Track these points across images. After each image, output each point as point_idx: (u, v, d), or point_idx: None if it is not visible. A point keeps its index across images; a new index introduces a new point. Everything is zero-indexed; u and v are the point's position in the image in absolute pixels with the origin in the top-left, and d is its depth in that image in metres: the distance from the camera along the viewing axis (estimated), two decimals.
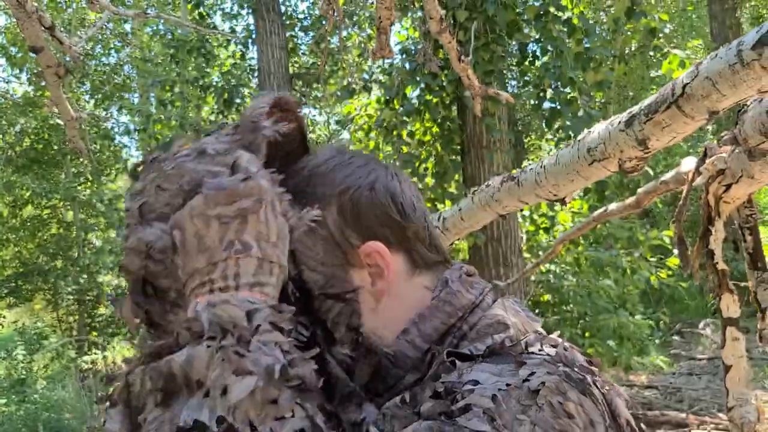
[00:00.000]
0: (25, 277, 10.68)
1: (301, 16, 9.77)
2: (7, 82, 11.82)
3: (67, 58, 3.46)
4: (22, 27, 2.48)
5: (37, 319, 11.53)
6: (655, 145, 1.26)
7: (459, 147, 6.15)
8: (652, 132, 1.22)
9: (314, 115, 12.39)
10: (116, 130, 12.10)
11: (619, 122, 1.30)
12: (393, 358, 0.72)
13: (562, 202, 1.59)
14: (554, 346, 0.68)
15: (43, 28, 2.56)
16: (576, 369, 0.64)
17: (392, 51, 2.50)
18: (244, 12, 9.11)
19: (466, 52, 3.79)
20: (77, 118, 3.29)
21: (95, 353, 10.03)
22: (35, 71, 10.42)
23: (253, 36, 8.32)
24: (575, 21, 5.33)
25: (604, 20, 9.43)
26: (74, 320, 11.07)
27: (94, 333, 10.77)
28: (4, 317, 11.06)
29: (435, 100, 5.80)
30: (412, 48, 6.18)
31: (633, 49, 8.19)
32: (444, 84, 5.68)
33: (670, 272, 6.39)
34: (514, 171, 1.76)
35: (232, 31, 9.38)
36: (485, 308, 0.73)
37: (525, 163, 9.25)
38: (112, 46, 12.15)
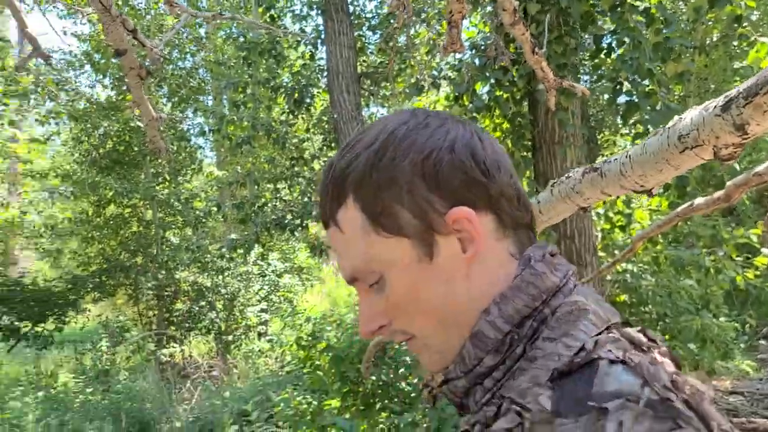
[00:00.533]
0: (109, 273, 11.12)
1: (369, 15, 9.81)
2: (92, 87, 12.41)
3: (147, 62, 3.60)
4: (107, 31, 2.58)
5: (119, 313, 12.10)
6: (755, 130, 1.17)
7: (530, 143, 6.02)
8: (752, 116, 1.14)
9: (383, 114, 12.42)
10: (191, 131, 12.55)
11: (715, 107, 1.22)
12: (474, 338, 0.70)
13: (649, 193, 1.51)
14: (639, 351, 0.64)
15: (126, 32, 2.66)
16: (662, 389, 0.57)
17: (463, 45, 2.46)
18: (313, 13, 9.24)
19: (539, 45, 3.70)
20: (158, 118, 3.40)
21: (173, 347, 10.41)
22: (117, 76, 10.91)
23: (322, 36, 8.41)
24: (653, 11, 5.11)
25: (684, 9, 9.02)
26: (153, 315, 11.49)
27: (172, 327, 11.16)
28: (89, 311, 11.60)
29: (505, 95, 5.68)
30: (482, 43, 6.09)
31: (715, 39, 7.79)
32: (515, 79, 5.56)
33: (757, 272, 6.04)
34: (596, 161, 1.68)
35: (302, 32, 9.51)
36: (567, 293, 0.71)
37: (599, 159, 8.96)
38: (187, 50, 12.58)
